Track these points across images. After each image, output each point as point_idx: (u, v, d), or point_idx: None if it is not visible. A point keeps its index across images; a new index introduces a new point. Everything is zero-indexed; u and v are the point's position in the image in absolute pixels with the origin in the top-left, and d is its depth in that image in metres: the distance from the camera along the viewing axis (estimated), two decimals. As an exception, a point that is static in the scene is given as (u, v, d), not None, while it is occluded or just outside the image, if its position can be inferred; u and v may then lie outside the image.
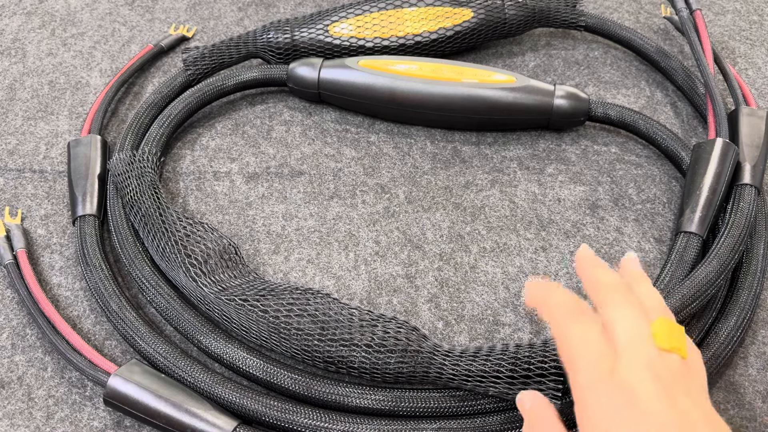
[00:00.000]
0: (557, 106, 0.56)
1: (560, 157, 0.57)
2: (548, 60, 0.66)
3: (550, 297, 0.37)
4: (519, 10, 0.62)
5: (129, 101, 0.63)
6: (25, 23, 0.70)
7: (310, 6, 0.72)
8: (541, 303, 0.37)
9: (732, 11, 0.70)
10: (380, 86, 0.57)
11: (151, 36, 0.69)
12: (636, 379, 0.31)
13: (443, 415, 0.41)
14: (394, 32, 0.61)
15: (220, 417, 0.40)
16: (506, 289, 0.49)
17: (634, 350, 0.32)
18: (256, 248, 0.52)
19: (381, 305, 0.49)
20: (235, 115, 0.61)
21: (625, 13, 0.70)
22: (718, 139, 0.51)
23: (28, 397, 0.44)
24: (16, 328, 0.48)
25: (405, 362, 0.40)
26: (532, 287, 0.38)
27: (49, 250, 0.52)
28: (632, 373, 0.31)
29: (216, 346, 0.44)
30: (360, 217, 0.54)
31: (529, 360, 0.39)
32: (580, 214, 0.54)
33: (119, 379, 0.41)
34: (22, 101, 0.63)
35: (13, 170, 0.57)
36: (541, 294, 0.38)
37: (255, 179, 0.56)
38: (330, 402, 0.41)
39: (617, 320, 0.33)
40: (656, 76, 0.64)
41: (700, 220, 0.48)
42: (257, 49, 0.62)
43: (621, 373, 0.31)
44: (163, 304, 0.46)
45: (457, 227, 0.53)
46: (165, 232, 0.47)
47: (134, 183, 0.51)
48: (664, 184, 0.55)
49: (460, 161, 0.57)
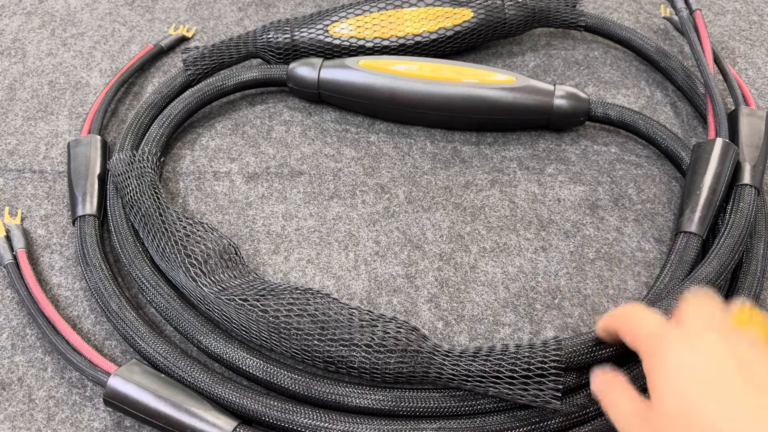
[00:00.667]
0: (557, 106, 0.56)
1: (560, 157, 0.57)
2: (548, 60, 0.66)
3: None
4: (519, 10, 0.62)
5: (129, 101, 0.63)
6: (25, 23, 0.70)
7: (310, 6, 0.72)
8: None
9: (732, 11, 0.70)
10: (380, 86, 0.57)
11: (151, 36, 0.69)
12: (705, 334, 0.33)
13: (443, 415, 0.41)
14: (394, 32, 0.61)
15: (220, 417, 0.40)
16: (506, 289, 0.49)
17: (702, 318, 0.34)
18: (256, 248, 0.52)
19: (381, 305, 0.49)
20: (235, 115, 0.61)
21: (625, 13, 0.70)
22: (718, 139, 0.51)
23: (29, 399, 0.44)
24: (16, 329, 0.48)
25: (405, 362, 0.40)
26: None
27: (49, 250, 0.52)
28: (700, 330, 0.33)
29: (216, 346, 0.44)
30: (360, 217, 0.54)
31: (529, 360, 0.39)
32: (580, 214, 0.54)
33: (119, 379, 0.41)
34: (22, 101, 0.63)
35: (13, 170, 0.57)
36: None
37: (255, 179, 0.56)
38: (330, 402, 0.41)
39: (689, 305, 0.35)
40: (656, 76, 0.64)
41: (700, 220, 0.48)
42: (257, 49, 0.62)
43: (690, 330, 0.33)
44: (163, 304, 0.46)
45: (457, 227, 0.53)
46: (165, 232, 0.47)
47: (134, 183, 0.51)
48: (664, 184, 0.55)
49: (460, 161, 0.57)
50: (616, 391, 0.36)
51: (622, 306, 0.39)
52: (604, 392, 0.37)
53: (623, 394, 0.35)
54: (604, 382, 0.37)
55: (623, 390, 0.36)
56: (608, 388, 0.37)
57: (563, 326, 0.47)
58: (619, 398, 0.35)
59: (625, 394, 0.35)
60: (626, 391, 0.35)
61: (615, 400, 0.36)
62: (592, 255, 0.51)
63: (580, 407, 0.40)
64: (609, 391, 0.37)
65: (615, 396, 0.36)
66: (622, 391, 0.36)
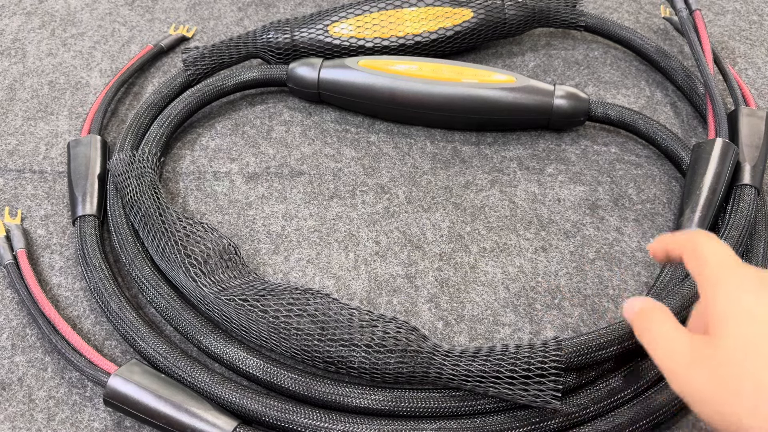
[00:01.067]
0: (557, 106, 0.56)
1: (560, 157, 0.57)
2: (548, 60, 0.66)
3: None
4: (519, 10, 0.62)
5: (129, 101, 0.63)
6: (25, 23, 0.70)
7: (310, 6, 0.72)
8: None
9: (732, 11, 0.70)
10: (380, 86, 0.57)
11: (151, 36, 0.69)
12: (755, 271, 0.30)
13: (443, 415, 0.41)
14: (394, 32, 0.61)
15: (220, 417, 0.40)
16: (506, 289, 0.49)
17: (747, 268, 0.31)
18: (256, 248, 0.52)
19: (381, 305, 0.49)
20: (235, 115, 0.61)
21: (625, 13, 0.70)
22: (717, 139, 0.51)
23: (29, 399, 0.44)
24: (16, 329, 0.48)
25: (405, 362, 0.40)
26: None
27: (49, 250, 0.52)
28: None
29: (216, 346, 0.44)
30: (360, 217, 0.54)
31: (529, 360, 0.39)
32: (580, 214, 0.54)
33: (119, 379, 0.41)
34: (22, 101, 0.63)
35: (13, 170, 0.57)
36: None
37: (255, 179, 0.56)
38: (330, 402, 0.41)
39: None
40: (656, 76, 0.64)
41: (700, 220, 0.48)
42: (257, 49, 0.62)
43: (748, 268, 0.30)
44: (163, 304, 0.46)
45: (457, 227, 0.53)
46: (165, 232, 0.47)
47: (134, 183, 0.51)
48: (664, 184, 0.55)
49: (460, 161, 0.57)
50: (657, 320, 0.31)
51: (687, 231, 0.35)
52: (641, 322, 0.32)
53: (666, 323, 0.31)
54: (643, 310, 0.32)
55: (667, 319, 0.31)
56: (647, 316, 0.32)
57: (563, 326, 0.47)
58: (662, 328, 0.30)
59: (670, 324, 0.30)
60: (670, 321, 0.31)
61: (657, 330, 0.31)
62: (592, 255, 0.51)
63: (580, 407, 0.40)
64: (648, 319, 0.32)
65: (656, 326, 0.31)
66: (666, 320, 0.31)
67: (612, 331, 0.41)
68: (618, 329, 0.41)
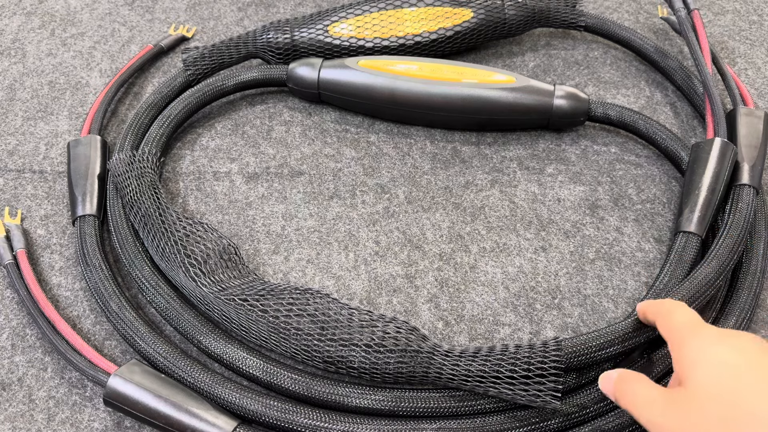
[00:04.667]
0: (557, 106, 0.56)
1: (560, 157, 0.57)
2: (548, 60, 0.66)
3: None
4: (519, 10, 0.62)
5: (129, 101, 0.63)
6: (25, 23, 0.70)
7: (310, 6, 0.72)
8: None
9: (731, 11, 0.70)
10: (380, 86, 0.57)
11: (151, 36, 0.69)
12: (738, 334, 0.34)
13: (443, 415, 0.41)
14: (394, 32, 0.61)
15: (220, 417, 0.40)
16: (506, 289, 0.49)
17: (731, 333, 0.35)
18: (256, 248, 0.52)
19: (381, 305, 0.49)
20: (235, 115, 0.61)
21: (625, 13, 0.70)
22: (716, 139, 0.51)
23: (29, 399, 0.44)
24: (16, 329, 0.48)
25: (405, 362, 0.40)
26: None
27: (49, 250, 0.52)
28: (734, 333, 0.35)
29: (216, 346, 0.44)
30: (360, 217, 0.54)
31: (528, 360, 0.39)
32: (580, 214, 0.54)
33: (119, 379, 0.41)
34: (22, 101, 0.63)
35: (13, 170, 0.57)
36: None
37: (255, 179, 0.56)
38: (330, 402, 0.42)
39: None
40: (656, 76, 0.64)
41: (699, 220, 0.48)
42: (257, 49, 0.62)
43: (724, 331, 0.34)
44: (163, 304, 0.46)
45: (457, 227, 0.53)
46: (165, 232, 0.47)
47: (134, 183, 0.51)
48: (663, 184, 0.55)
49: (460, 161, 0.57)
50: (632, 382, 0.35)
51: (662, 300, 0.40)
52: (620, 385, 0.36)
53: (641, 382, 0.35)
54: (621, 377, 0.37)
55: (640, 379, 0.35)
56: (623, 381, 0.36)
57: (563, 326, 0.47)
58: (638, 387, 0.35)
59: (644, 383, 0.35)
60: (644, 380, 0.35)
61: (634, 389, 0.35)
62: (592, 255, 0.51)
63: (580, 407, 0.40)
64: (625, 383, 0.36)
65: (632, 386, 0.35)
66: (640, 380, 0.35)
67: (612, 331, 0.41)
68: (618, 329, 0.41)
